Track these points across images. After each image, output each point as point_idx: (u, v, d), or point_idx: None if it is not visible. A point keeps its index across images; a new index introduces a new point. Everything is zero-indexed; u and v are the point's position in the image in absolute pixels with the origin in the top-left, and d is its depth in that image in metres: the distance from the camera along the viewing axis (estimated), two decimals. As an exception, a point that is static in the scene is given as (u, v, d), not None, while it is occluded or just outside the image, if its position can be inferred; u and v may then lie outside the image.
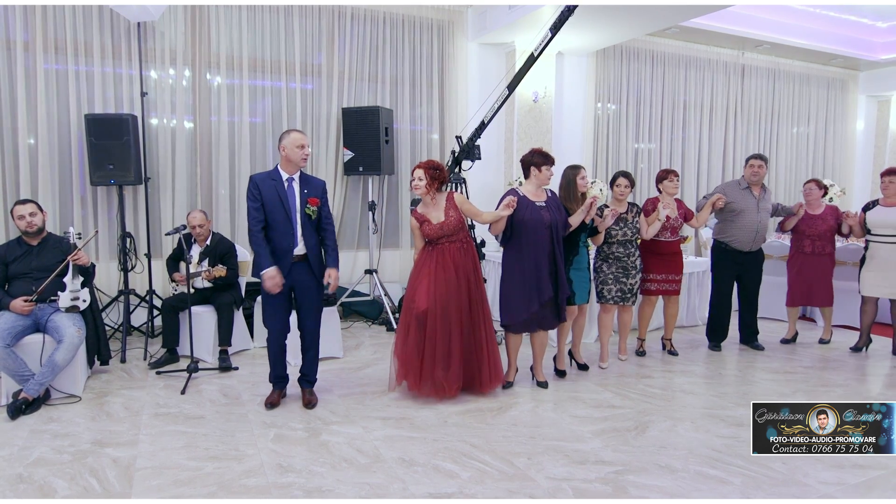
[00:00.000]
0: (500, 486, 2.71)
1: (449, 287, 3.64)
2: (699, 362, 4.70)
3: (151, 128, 5.30)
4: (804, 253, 5.08)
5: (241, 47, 5.53)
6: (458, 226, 3.72)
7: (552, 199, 3.89)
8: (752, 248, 4.79)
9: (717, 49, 7.78)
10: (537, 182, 3.87)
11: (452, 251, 3.70)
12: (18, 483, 2.67)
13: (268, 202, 3.45)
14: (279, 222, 3.47)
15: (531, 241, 3.75)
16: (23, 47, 4.85)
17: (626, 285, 4.37)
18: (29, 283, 3.72)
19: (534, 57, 4.50)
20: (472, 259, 3.78)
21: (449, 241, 3.71)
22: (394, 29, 6.12)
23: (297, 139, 3.48)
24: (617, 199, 4.38)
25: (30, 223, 3.77)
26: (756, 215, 4.73)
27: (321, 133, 5.90)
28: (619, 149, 7.39)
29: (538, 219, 3.75)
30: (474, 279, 3.75)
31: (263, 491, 2.63)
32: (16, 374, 3.51)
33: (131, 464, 2.86)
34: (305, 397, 3.66)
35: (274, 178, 3.51)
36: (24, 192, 4.87)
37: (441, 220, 3.70)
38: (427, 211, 3.75)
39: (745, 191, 4.78)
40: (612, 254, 4.36)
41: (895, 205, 4.77)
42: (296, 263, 3.51)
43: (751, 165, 4.79)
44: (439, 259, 3.69)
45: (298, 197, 3.51)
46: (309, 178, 3.63)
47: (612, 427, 3.38)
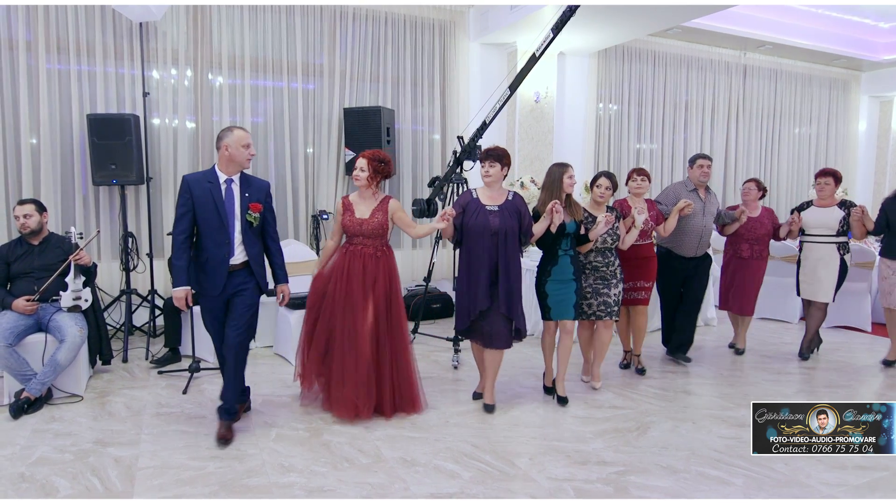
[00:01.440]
0: (502, 486, 2.71)
1: (351, 300, 3.34)
2: (701, 363, 4.69)
3: (153, 128, 5.30)
4: (741, 257, 4.81)
5: (243, 47, 5.54)
6: (379, 231, 3.42)
7: (510, 204, 3.48)
8: (696, 254, 4.47)
9: (719, 49, 7.78)
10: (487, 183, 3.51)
11: (365, 256, 3.39)
12: (21, 482, 2.67)
13: (201, 207, 3.08)
14: (213, 229, 3.09)
15: (474, 247, 3.45)
16: (25, 47, 4.86)
17: (609, 297, 3.87)
18: (31, 283, 3.72)
19: (535, 57, 4.50)
20: (388, 270, 3.45)
21: (363, 245, 3.42)
22: (395, 29, 6.12)
23: (241, 137, 3.12)
24: (596, 202, 3.94)
25: (24, 224, 3.77)
26: (701, 219, 4.41)
27: (322, 133, 5.90)
28: (620, 149, 7.39)
29: (483, 224, 3.42)
30: (386, 293, 3.41)
31: (265, 490, 2.63)
32: (18, 374, 3.52)
33: (133, 463, 2.87)
34: (220, 430, 3.11)
35: (210, 179, 3.12)
36: (27, 191, 4.88)
37: (364, 217, 3.42)
38: (357, 202, 3.48)
39: (691, 193, 4.43)
40: (590, 263, 3.88)
41: (828, 205, 4.72)
42: (234, 272, 3.15)
43: (700, 166, 4.43)
44: (350, 264, 3.39)
45: (238, 201, 3.14)
46: (251, 179, 3.25)
47: (613, 427, 3.38)
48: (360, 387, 3.32)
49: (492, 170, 3.47)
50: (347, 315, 3.36)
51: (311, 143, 5.89)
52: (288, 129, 5.77)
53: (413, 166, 6.34)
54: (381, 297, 3.40)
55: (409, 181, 6.30)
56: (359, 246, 3.43)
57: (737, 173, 8.14)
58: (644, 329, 4.41)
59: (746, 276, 4.81)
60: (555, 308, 3.70)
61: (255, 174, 5.64)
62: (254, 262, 3.21)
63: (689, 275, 4.52)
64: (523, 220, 3.50)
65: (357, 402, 3.31)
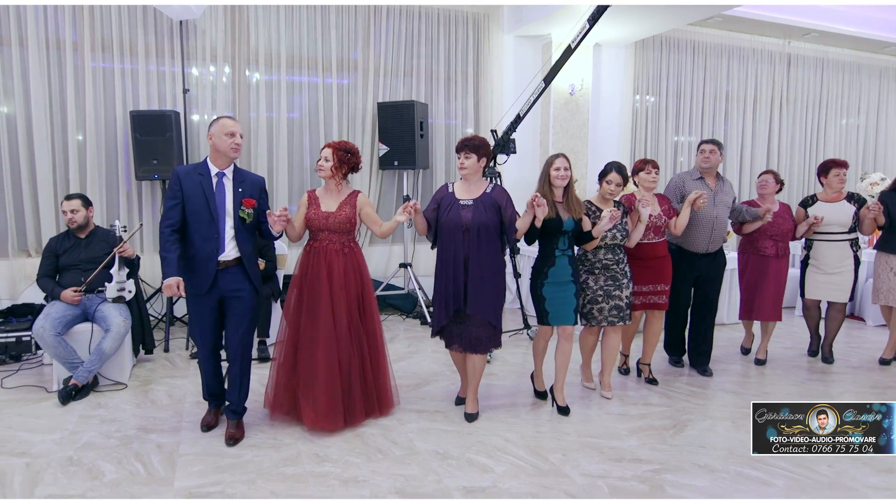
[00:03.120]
0: (535, 481, 2.69)
1: (318, 301, 3.12)
2: (739, 361, 4.58)
3: (193, 124, 5.43)
4: (764, 255, 4.38)
5: (279, 44, 5.62)
6: (346, 226, 3.20)
7: (486, 197, 3.23)
8: (708, 249, 4.05)
9: (762, 38, 7.53)
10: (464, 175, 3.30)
11: (329, 253, 3.17)
12: (69, 465, 2.78)
13: (190, 200, 2.95)
14: (202, 224, 2.96)
15: (445, 245, 3.25)
16: (72, 47, 5.03)
17: (620, 300, 3.58)
18: (78, 275, 3.86)
19: (571, 49, 4.44)
20: (356, 267, 3.23)
21: (328, 240, 3.19)
22: (429, 23, 6.12)
23: (225, 126, 2.97)
24: (604, 198, 3.63)
25: (71, 219, 3.92)
26: (711, 209, 3.97)
27: (356, 128, 5.95)
28: (657, 142, 7.24)
29: (454, 219, 3.20)
30: (356, 292, 3.20)
31: (300, 479, 2.67)
32: (66, 362, 3.66)
33: (174, 450, 2.95)
34: (229, 430, 3.07)
35: (201, 172, 3.00)
36: (74, 186, 5.06)
37: (331, 210, 3.20)
38: (323, 196, 3.27)
39: (697, 181, 4.04)
40: (599, 261, 3.56)
41: (836, 199, 4.43)
42: (224, 270, 3.00)
43: (701, 151, 4.05)
44: (314, 262, 3.17)
45: (230, 196, 3.01)
46: (244, 173, 3.12)
47: (648, 425, 3.32)
48: (332, 394, 3.10)
49: (467, 161, 3.23)
50: (312, 319, 3.13)
51: (345, 137, 5.94)
52: (322, 124, 5.84)
53: (446, 160, 6.33)
54: (353, 297, 3.19)
55: (443, 175, 6.30)
56: (323, 242, 3.20)
57: (780, 166, 7.88)
58: (658, 335, 4.07)
59: (772, 276, 4.39)
60: (553, 312, 3.43)
61: (291, 169, 5.78)
62: (247, 260, 3.05)
63: (701, 274, 4.11)
64: (504, 213, 3.23)
65: (329, 413, 3.09)
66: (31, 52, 4.88)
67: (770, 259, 4.40)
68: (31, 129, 4.95)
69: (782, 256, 4.43)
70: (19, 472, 2.71)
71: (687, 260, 4.08)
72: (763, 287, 4.42)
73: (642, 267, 3.81)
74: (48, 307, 3.77)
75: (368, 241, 6.11)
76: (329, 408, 3.10)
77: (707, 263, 4.12)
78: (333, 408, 3.11)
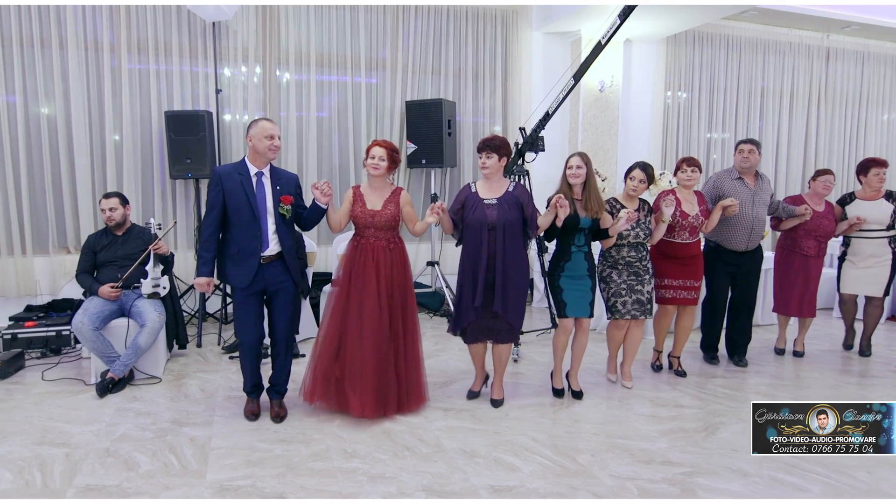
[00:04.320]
0: (563, 481, 2.67)
1: (366, 295, 3.22)
2: (773, 363, 4.47)
3: (225, 123, 5.53)
4: (806, 255, 4.43)
5: (309, 43, 5.68)
6: (391, 223, 3.31)
7: (509, 196, 3.33)
8: (748, 248, 4.13)
9: (799, 32, 7.33)
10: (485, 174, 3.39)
11: (377, 249, 3.27)
12: (106, 457, 2.86)
13: (232, 199, 3.09)
14: (244, 222, 3.10)
15: (471, 242, 3.34)
16: (109, 49, 5.16)
17: (642, 294, 3.70)
18: (115, 271, 3.97)
19: (601, 45, 4.38)
20: (401, 263, 3.34)
21: (374, 237, 3.30)
22: (457, 21, 6.11)
23: (265, 128, 3.10)
24: (629, 196, 3.71)
25: (109, 217, 4.03)
26: (751, 209, 4.05)
27: (385, 126, 5.98)
28: (689, 139, 7.11)
29: (480, 218, 3.29)
30: (400, 286, 3.31)
31: (329, 474, 2.70)
32: (103, 356, 3.77)
33: (207, 443, 3.01)
34: (273, 409, 3.33)
35: (241, 172, 3.13)
36: (111, 185, 5.19)
37: (377, 209, 3.30)
38: (368, 193, 3.35)
39: (736, 181, 4.11)
40: (623, 258, 3.69)
41: (875, 198, 4.44)
42: (267, 265, 3.16)
43: (740, 151, 4.12)
44: (362, 258, 3.27)
45: (270, 194, 3.16)
46: (280, 171, 3.27)
47: (679, 427, 3.27)
48: (379, 385, 3.23)
49: (489, 161, 3.33)
50: (361, 312, 3.23)
51: (373, 135, 5.98)
52: (351, 122, 5.88)
53: (474, 158, 6.32)
54: (397, 291, 3.31)
55: (470, 173, 6.29)
56: (370, 239, 3.30)
57: (817, 163, 7.67)
58: (689, 330, 4.16)
59: (811, 274, 4.46)
60: (571, 304, 3.53)
61: (320, 168, 5.84)
62: (287, 254, 3.22)
63: (740, 271, 4.19)
64: (525, 210, 3.35)
65: (375, 403, 3.22)
66: (70, 53, 5.03)
67: (811, 258, 4.46)
68: (71, 129, 5.10)
69: (821, 255, 4.51)
70: (59, 462, 2.80)
71: (726, 258, 4.16)
72: (804, 285, 4.48)
73: (673, 263, 3.93)
74: (86, 302, 3.88)
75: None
76: (376, 398, 3.23)
77: (746, 260, 4.19)
78: (379, 398, 3.24)
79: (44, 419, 3.31)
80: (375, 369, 3.21)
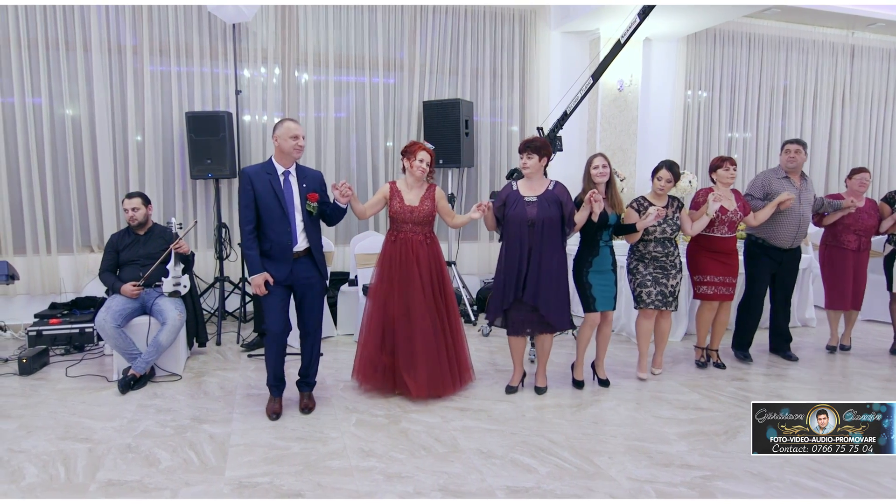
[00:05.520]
0: (579, 483, 2.65)
1: (411, 286, 3.49)
2: (798, 366, 4.39)
3: (244, 124, 5.58)
4: (848, 250, 4.53)
5: (328, 44, 5.71)
6: (427, 218, 3.56)
7: (549, 194, 3.51)
8: (792, 245, 4.28)
9: (823, 29, 7.21)
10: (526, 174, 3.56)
11: (415, 243, 3.53)
12: (127, 452, 2.90)
13: (262, 198, 3.20)
14: (275, 219, 3.22)
15: (511, 238, 3.53)
16: (132, 51, 5.24)
17: (666, 287, 3.87)
18: (137, 270, 4.03)
19: (620, 44, 4.34)
20: (436, 255, 3.62)
21: (412, 231, 3.54)
22: (475, 21, 6.11)
23: (290, 129, 3.22)
24: (657, 194, 3.89)
25: (132, 216, 4.09)
26: (798, 208, 4.19)
27: (402, 126, 5.99)
28: (710, 138, 7.03)
29: (520, 215, 3.48)
30: (437, 276, 3.59)
31: (346, 473, 2.71)
32: (125, 353, 3.83)
33: (226, 440, 3.04)
34: (303, 401, 3.46)
35: (269, 171, 3.24)
36: (133, 185, 5.27)
37: (414, 205, 3.53)
38: (405, 190, 3.58)
39: (783, 180, 4.25)
40: (649, 253, 3.88)
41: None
42: (297, 260, 3.29)
43: (787, 151, 4.26)
44: (403, 252, 3.52)
45: (297, 191, 3.28)
46: (305, 170, 3.38)
47: (699, 430, 3.23)
48: (433, 366, 3.50)
49: (529, 161, 3.50)
50: (408, 301, 3.50)
51: (391, 136, 6.00)
52: (369, 122, 5.90)
53: (491, 158, 6.31)
54: (437, 281, 3.57)
55: (487, 173, 6.28)
56: (409, 234, 3.55)
57: (841, 162, 7.53)
58: (725, 324, 4.27)
59: (856, 269, 4.57)
60: (599, 298, 3.72)
61: (338, 168, 5.87)
62: (315, 249, 3.35)
63: (781, 268, 4.35)
64: (565, 208, 3.51)
65: (429, 382, 3.50)
66: (94, 56, 5.12)
67: (854, 253, 4.55)
68: (95, 130, 5.19)
69: (864, 250, 4.58)
70: (82, 457, 2.85)
71: (770, 254, 4.29)
72: (845, 279, 4.56)
73: (713, 259, 4.09)
74: (109, 300, 3.95)
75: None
76: (429, 377, 3.50)
77: (788, 258, 4.34)
78: (432, 377, 3.51)
79: (67, 415, 3.37)
80: (425, 351, 3.48)
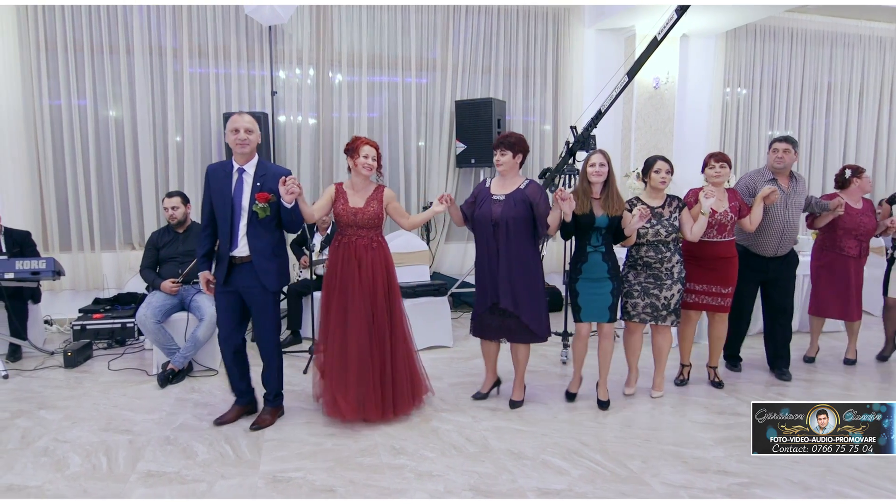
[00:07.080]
0: (612, 487, 2.62)
1: (348, 293, 3.15)
2: (839, 373, 4.25)
3: (280, 125, 5.67)
4: (849, 256, 4.18)
5: (361, 45, 5.76)
6: (373, 221, 3.21)
7: (518, 193, 3.29)
8: (777, 253, 3.87)
9: (870, 23, 6.94)
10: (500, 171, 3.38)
11: (358, 248, 3.18)
12: (166, 444, 2.98)
13: (216, 197, 3.02)
14: (222, 220, 3.01)
15: (479, 238, 3.38)
16: (172, 54, 5.38)
17: (658, 299, 3.48)
18: (175, 267, 4.13)
19: (657, 41, 4.26)
20: (384, 260, 3.25)
21: (356, 235, 3.20)
22: (508, 20, 6.08)
23: (231, 122, 2.94)
24: (655, 190, 3.52)
25: (171, 215, 4.19)
26: (783, 212, 3.81)
27: (434, 126, 6.01)
28: (749, 137, 6.85)
29: (486, 214, 3.29)
30: (384, 284, 3.21)
31: (377, 470, 2.73)
32: (164, 348, 3.93)
33: (260, 435, 3.10)
34: (259, 416, 3.23)
35: (226, 169, 3.02)
36: (173, 184, 5.41)
37: (359, 206, 3.20)
38: (351, 191, 3.26)
39: (769, 182, 3.81)
40: (641, 258, 3.49)
41: None
42: (238, 266, 3.03)
43: (774, 150, 3.84)
44: (344, 257, 3.18)
45: (248, 191, 2.98)
46: (268, 167, 3.07)
47: (736, 436, 3.15)
48: (365, 387, 3.13)
49: (503, 158, 3.32)
50: (344, 313, 3.16)
51: (423, 135, 6.02)
52: (402, 122, 5.93)
53: (523, 158, 6.26)
54: (381, 292, 3.20)
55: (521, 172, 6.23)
56: (352, 237, 3.20)
57: (888, 162, 7.26)
58: (722, 339, 3.86)
59: (853, 275, 4.21)
60: (585, 308, 3.41)
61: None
62: (256, 254, 3.00)
63: (770, 277, 3.93)
64: (536, 208, 3.27)
65: (364, 404, 3.14)
66: (136, 59, 5.27)
67: (852, 259, 4.22)
68: (136, 131, 5.34)
69: (863, 256, 4.29)
70: (123, 448, 2.94)
71: (754, 263, 3.89)
72: (845, 286, 4.22)
73: (699, 266, 3.67)
74: (149, 296, 4.06)
75: (444, 239, 6.16)
76: (357, 397, 3.13)
77: (776, 266, 3.94)
78: (362, 396, 3.13)
79: (109, 406, 3.48)
80: (359, 369, 3.12)
